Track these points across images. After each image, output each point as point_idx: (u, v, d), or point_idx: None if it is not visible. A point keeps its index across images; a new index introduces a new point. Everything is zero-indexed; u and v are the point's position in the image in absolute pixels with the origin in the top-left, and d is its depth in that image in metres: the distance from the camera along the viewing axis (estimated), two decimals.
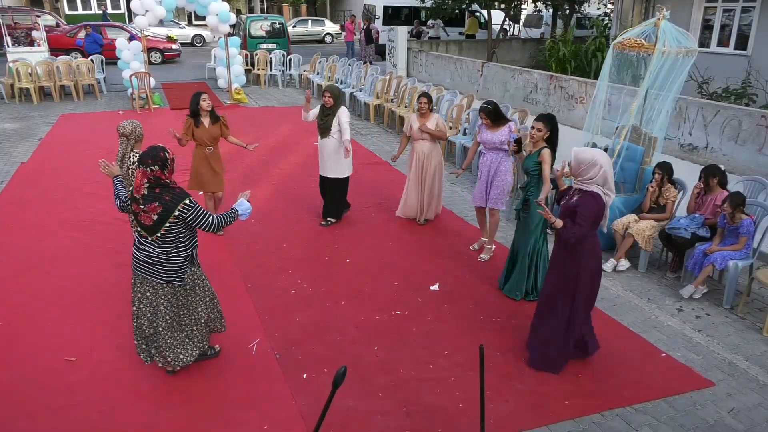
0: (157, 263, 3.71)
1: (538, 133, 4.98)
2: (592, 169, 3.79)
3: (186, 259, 3.78)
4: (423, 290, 5.38)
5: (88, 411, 3.77)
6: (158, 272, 3.74)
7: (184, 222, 3.66)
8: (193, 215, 3.66)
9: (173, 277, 3.76)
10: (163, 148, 3.68)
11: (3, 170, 8.65)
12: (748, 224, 5.09)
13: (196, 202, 3.70)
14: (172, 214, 3.59)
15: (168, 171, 3.65)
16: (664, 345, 4.60)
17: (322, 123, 6.43)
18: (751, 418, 3.84)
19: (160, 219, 3.60)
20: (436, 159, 6.56)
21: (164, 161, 3.62)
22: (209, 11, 13.32)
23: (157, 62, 21.21)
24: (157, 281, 3.76)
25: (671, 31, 6.00)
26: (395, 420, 3.75)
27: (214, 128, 6.08)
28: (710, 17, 13.31)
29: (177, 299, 3.86)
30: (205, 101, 5.98)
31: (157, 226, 3.61)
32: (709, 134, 8.82)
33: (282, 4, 39.10)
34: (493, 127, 5.71)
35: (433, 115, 6.48)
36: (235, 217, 3.87)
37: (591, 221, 3.83)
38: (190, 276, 3.85)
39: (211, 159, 6.15)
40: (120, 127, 4.71)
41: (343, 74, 14.67)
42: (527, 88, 12.66)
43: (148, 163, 3.59)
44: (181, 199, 3.63)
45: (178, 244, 3.70)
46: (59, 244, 6.18)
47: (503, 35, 22.62)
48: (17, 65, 13.37)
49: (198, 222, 3.69)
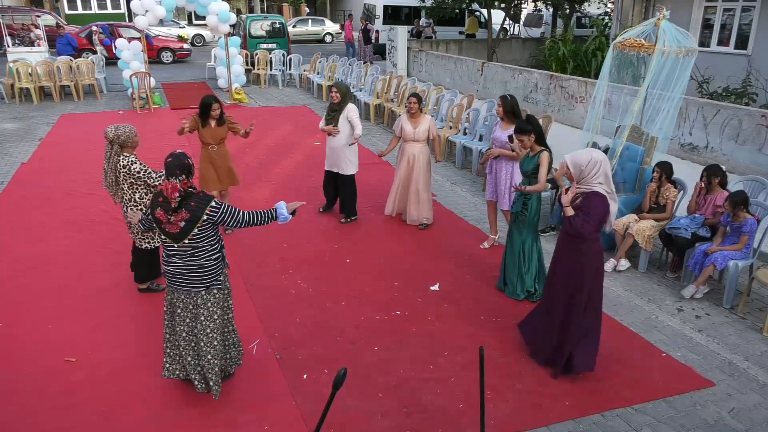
0: (191, 272, 3.58)
1: (523, 143, 5.07)
2: (593, 168, 3.78)
3: (218, 261, 3.66)
4: (423, 290, 5.38)
5: (88, 411, 3.77)
6: (194, 280, 3.59)
7: (213, 224, 3.57)
8: (222, 215, 3.55)
9: (211, 282, 3.63)
10: (185, 155, 3.58)
11: (3, 170, 8.65)
12: (752, 223, 5.09)
13: (222, 202, 3.60)
14: (201, 219, 3.49)
15: (192, 177, 3.59)
16: (664, 345, 4.60)
17: (330, 119, 6.49)
18: (751, 418, 3.84)
19: (187, 225, 3.48)
20: (424, 159, 6.56)
21: (189, 168, 3.54)
22: (209, 11, 13.31)
23: (169, 62, 21.31)
24: (195, 290, 3.61)
25: (671, 31, 6.00)
26: (395, 420, 3.76)
27: (220, 130, 6.09)
28: (710, 17, 13.31)
29: (220, 306, 3.72)
30: (215, 110, 5.99)
31: (184, 233, 3.49)
32: (709, 134, 8.82)
33: (282, 4, 39.09)
34: (506, 122, 5.81)
35: (424, 117, 6.48)
36: (271, 218, 3.66)
37: (597, 219, 3.81)
38: (226, 277, 3.78)
39: (215, 158, 6.14)
40: (105, 132, 4.71)
41: (343, 74, 14.66)
42: (527, 87, 12.66)
43: (176, 173, 3.47)
44: (207, 202, 3.52)
45: (208, 248, 3.59)
46: (59, 244, 6.18)
47: (503, 35, 22.62)
48: (17, 65, 13.37)
49: (230, 220, 3.57)
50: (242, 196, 7.68)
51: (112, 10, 28.07)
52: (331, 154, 6.70)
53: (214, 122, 6.05)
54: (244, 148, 9.86)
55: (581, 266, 3.96)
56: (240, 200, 7.47)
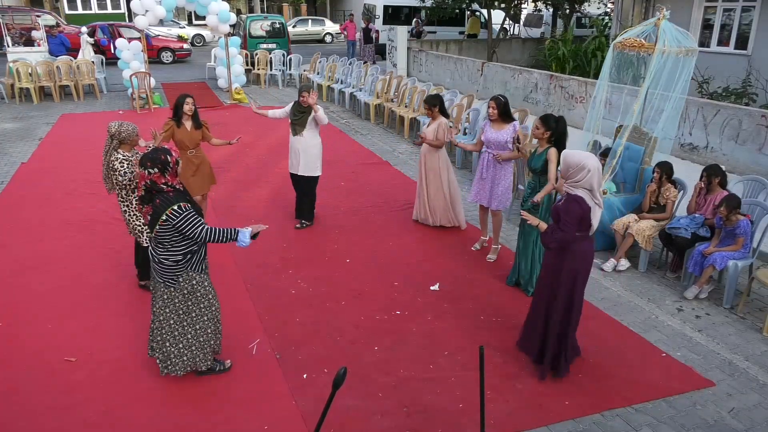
0: (153, 261, 3.76)
1: (537, 131, 5.01)
2: (580, 172, 3.77)
3: (178, 264, 3.69)
4: (423, 290, 5.38)
5: (88, 411, 3.77)
6: (155, 271, 3.77)
7: (173, 227, 3.59)
8: (182, 221, 3.56)
9: (166, 279, 3.74)
10: (166, 151, 3.64)
11: (3, 170, 8.65)
12: (744, 225, 5.09)
13: (187, 209, 3.59)
14: (160, 218, 3.57)
15: (169, 174, 3.61)
16: (664, 345, 4.60)
17: (297, 120, 6.34)
18: (751, 418, 3.84)
19: (151, 220, 3.65)
20: (434, 163, 6.45)
21: (165, 164, 3.59)
22: (209, 11, 13.32)
23: (169, 62, 21.32)
24: (156, 279, 3.79)
25: (671, 31, 6.00)
26: (395, 420, 3.76)
27: (196, 133, 5.91)
28: (710, 17, 13.31)
29: (173, 303, 3.79)
30: (188, 104, 5.80)
31: (150, 226, 3.68)
32: (709, 134, 8.82)
33: (282, 4, 39.09)
34: (499, 123, 5.69)
35: (437, 120, 6.36)
36: (231, 238, 3.67)
37: (575, 225, 3.79)
38: (187, 281, 3.76)
39: (195, 162, 5.96)
40: (108, 126, 4.72)
41: (343, 74, 14.67)
42: (527, 87, 12.66)
43: (146, 165, 3.58)
44: (169, 204, 3.56)
45: (169, 247, 3.65)
46: (59, 244, 6.18)
47: (503, 35, 22.62)
48: (17, 65, 13.37)
49: (187, 229, 3.58)
50: (242, 195, 7.68)
51: (112, 10, 28.06)
52: (294, 155, 6.49)
53: (190, 124, 5.87)
54: (244, 149, 9.86)
55: (560, 266, 3.96)
56: (240, 200, 7.48)
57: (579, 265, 3.95)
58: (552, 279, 4.03)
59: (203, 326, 3.90)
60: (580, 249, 3.92)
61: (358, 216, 7.07)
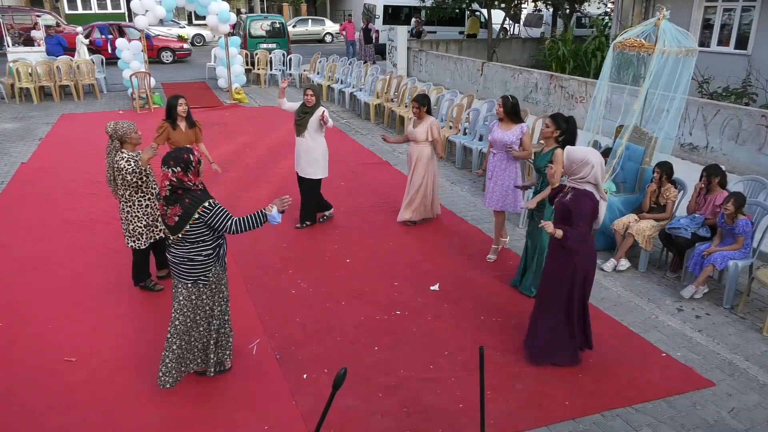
0: (182, 263, 3.70)
1: (546, 129, 4.99)
2: (584, 168, 3.79)
3: (209, 258, 3.73)
4: (423, 290, 5.38)
5: (88, 411, 3.77)
6: (183, 272, 3.71)
7: (205, 224, 3.62)
8: (213, 217, 3.60)
9: (197, 277, 3.72)
10: (189, 150, 3.64)
11: (3, 170, 8.65)
12: (744, 224, 5.09)
13: (217, 204, 3.64)
14: (192, 217, 3.56)
15: (192, 173, 3.61)
16: (664, 345, 4.60)
17: (300, 120, 6.38)
18: (751, 418, 3.84)
19: (181, 221, 3.58)
20: (424, 159, 6.50)
21: (187, 163, 3.58)
22: (209, 11, 13.32)
23: (169, 62, 21.34)
24: (183, 281, 3.74)
25: (671, 31, 5.99)
26: (395, 420, 3.76)
27: (190, 132, 5.92)
28: (710, 17, 13.31)
29: (201, 300, 3.81)
30: (181, 105, 5.80)
31: (178, 227, 3.60)
32: (709, 134, 8.82)
33: (282, 4, 39.09)
34: (506, 123, 5.64)
35: (427, 119, 6.43)
36: (261, 221, 3.64)
37: (590, 219, 3.83)
38: (215, 275, 3.82)
39: None
40: (106, 127, 4.73)
41: (343, 74, 14.67)
42: (527, 87, 12.66)
43: (170, 164, 3.55)
44: (201, 201, 3.59)
45: (201, 243, 3.67)
46: (59, 244, 6.18)
47: (503, 35, 22.62)
48: (17, 65, 13.37)
49: (219, 225, 3.62)
50: (242, 195, 7.68)
51: (112, 10, 28.08)
52: (298, 156, 6.52)
53: (184, 124, 5.88)
54: (244, 149, 9.87)
55: (560, 266, 4.00)
56: (240, 200, 7.47)
57: (582, 265, 4.02)
58: (553, 278, 4.08)
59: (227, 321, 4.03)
60: (584, 249, 3.97)
61: (358, 216, 7.07)
